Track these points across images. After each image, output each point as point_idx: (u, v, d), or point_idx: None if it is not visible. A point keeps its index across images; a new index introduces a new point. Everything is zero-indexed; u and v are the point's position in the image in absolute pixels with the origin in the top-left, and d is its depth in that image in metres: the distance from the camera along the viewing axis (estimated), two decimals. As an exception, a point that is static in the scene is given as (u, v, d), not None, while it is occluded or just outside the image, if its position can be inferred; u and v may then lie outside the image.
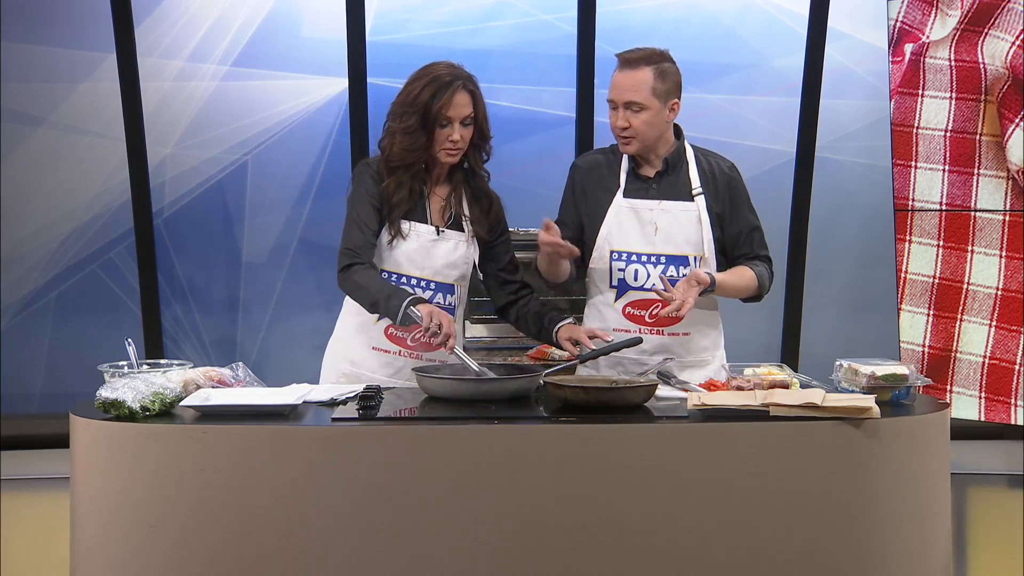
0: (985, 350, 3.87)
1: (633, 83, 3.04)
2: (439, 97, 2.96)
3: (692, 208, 3.11)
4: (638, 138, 3.07)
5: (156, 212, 4.52)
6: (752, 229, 3.18)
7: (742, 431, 2.51)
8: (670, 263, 3.10)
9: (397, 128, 3.01)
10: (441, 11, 4.54)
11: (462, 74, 3.01)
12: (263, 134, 4.53)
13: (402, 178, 3.03)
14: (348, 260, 2.99)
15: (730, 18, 4.59)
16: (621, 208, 3.13)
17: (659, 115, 3.06)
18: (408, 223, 3.05)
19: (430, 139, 2.99)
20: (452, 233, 3.09)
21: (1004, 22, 3.76)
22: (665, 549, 2.49)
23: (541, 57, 4.59)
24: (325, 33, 4.48)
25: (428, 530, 2.47)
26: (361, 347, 3.09)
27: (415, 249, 3.05)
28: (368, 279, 2.96)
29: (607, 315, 3.14)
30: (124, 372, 2.86)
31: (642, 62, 3.04)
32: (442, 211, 3.10)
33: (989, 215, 3.86)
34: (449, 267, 3.08)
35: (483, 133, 3.06)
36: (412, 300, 2.88)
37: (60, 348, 4.57)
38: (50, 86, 4.45)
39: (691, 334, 3.13)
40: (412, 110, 2.98)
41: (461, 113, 2.98)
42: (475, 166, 3.11)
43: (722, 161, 3.20)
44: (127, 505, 2.49)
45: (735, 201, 3.15)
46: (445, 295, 3.08)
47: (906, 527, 2.56)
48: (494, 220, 3.18)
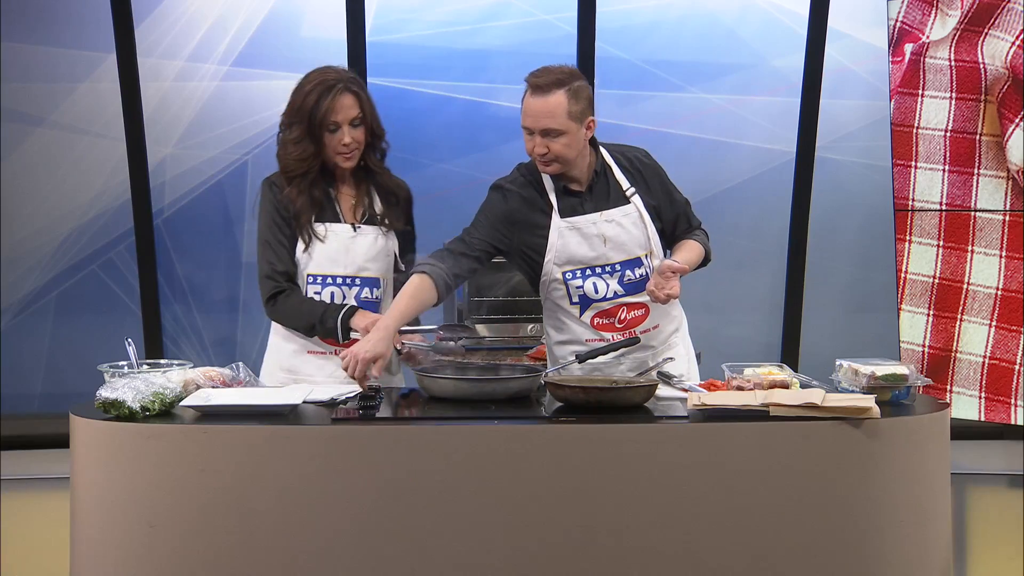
0: (985, 350, 3.87)
1: (548, 109, 2.96)
2: (323, 102, 2.97)
3: (631, 210, 3.11)
4: (559, 161, 3.03)
5: (156, 212, 4.52)
6: (684, 205, 3.20)
7: (742, 431, 2.51)
8: (624, 268, 3.10)
9: (288, 138, 3.03)
10: (441, 11, 4.53)
11: (344, 76, 3.03)
12: (263, 134, 4.52)
13: (301, 185, 3.04)
14: (270, 289, 3.04)
15: (730, 18, 4.59)
16: (562, 229, 3.08)
17: (576, 136, 3.00)
18: (323, 225, 3.06)
19: (319, 145, 3.01)
20: (368, 228, 3.11)
21: (1004, 22, 3.76)
22: (665, 549, 2.49)
23: (541, 57, 4.52)
24: (325, 33, 4.48)
25: (428, 530, 2.47)
26: (294, 354, 3.11)
27: (335, 248, 3.07)
28: (294, 307, 3.02)
29: (575, 329, 3.13)
30: (124, 372, 2.86)
31: (554, 86, 2.97)
32: (353, 209, 3.12)
33: (989, 215, 3.86)
34: (370, 261, 3.10)
35: (374, 131, 3.07)
36: (344, 315, 2.94)
37: (60, 348, 4.56)
38: (50, 86, 4.45)
39: (659, 325, 3.15)
40: (298, 119, 3.00)
41: (348, 115, 2.99)
42: (371, 165, 3.12)
43: (637, 151, 3.19)
44: (127, 505, 2.49)
45: (664, 187, 3.16)
46: (372, 289, 3.10)
47: (906, 527, 2.56)
48: (406, 210, 3.19)
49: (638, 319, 3.11)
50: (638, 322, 3.11)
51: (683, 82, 4.49)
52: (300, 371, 3.10)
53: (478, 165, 4.50)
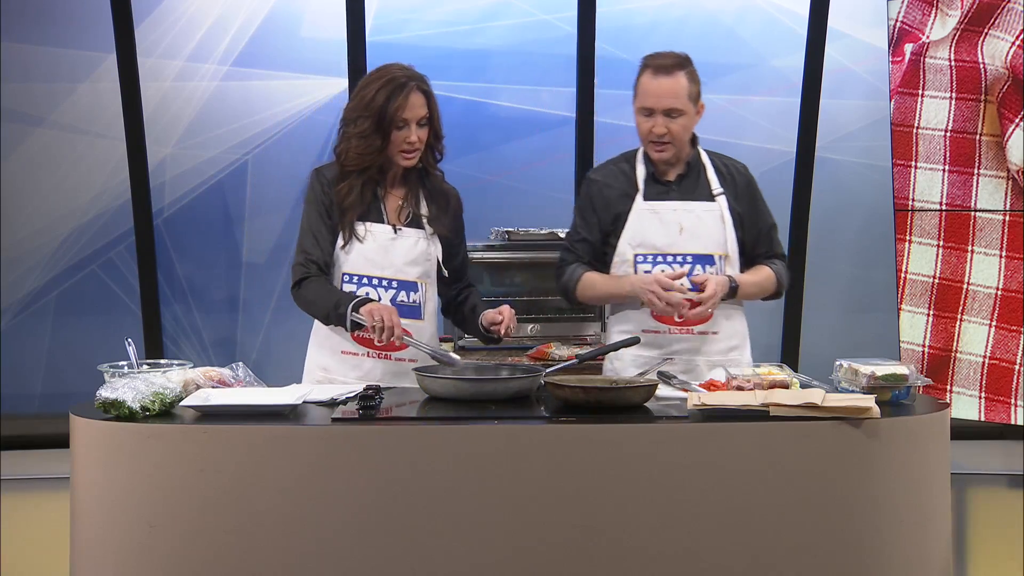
0: (985, 350, 3.87)
1: (673, 90, 3.07)
2: (394, 99, 2.96)
3: (714, 208, 3.15)
4: (675, 143, 3.11)
5: (156, 212, 4.52)
6: (771, 227, 3.23)
7: (742, 431, 2.51)
8: (696, 262, 3.12)
9: (353, 133, 3.01)
10: (441, 11, 4.54)
11: (415, 75, 3.01)
12: (263, 134, 4.53)
13: (354, 182, 3.04)
14: (300, 274, 3.03)
15: (730, 18, 4.59)
16: (642, 211, 3.15)
17: (692, 119, 3.12)
18: (364, 225, 3.05)
19: (385, 142, 3.00)
20: (411, 231, 3.09)
21: (1004, 22, 3.76)
22: (665, 549, 2.49)
23: (541, 57, 4.59)
24: (325, 33, 4.48)
25: (428, 530, 2.47)
26: (331, 352, 3.10)
27: (373, 249, 3.05)
28: (317, 293, 2.99)
29: (634, 317, 3.17)
30: (124, 372, 2.86)
31: (676, 67, 3.08)
32: (399, 211, 3.10)
33: (989, 215, 3.86)
34: (410, 264, 3.08)
35: (437, 133, 3.07)
36: (355, 305, 2.91)
37: (60, 348, 4.56)
38: (50, 86, 4.45)
39: (719, 333, 3.16)
40: (367, 113, 2.98)
41: (417, 114, 2.99)
42: (427, 166, 3.11)
43: (736, 163, 3.25)
44: (127, 505, 2.49)
45: (754, 201, 3.21)
46: (409, 293, 3.08)
47: (906, 527, 2.56)
48: (453, 216, 3.18)
49: (700, 318, 3.11)
50: (699, 321, 3.12)
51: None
52: (334, 371, 3.09)
53: (478, 165, 4.51)
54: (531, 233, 4.02)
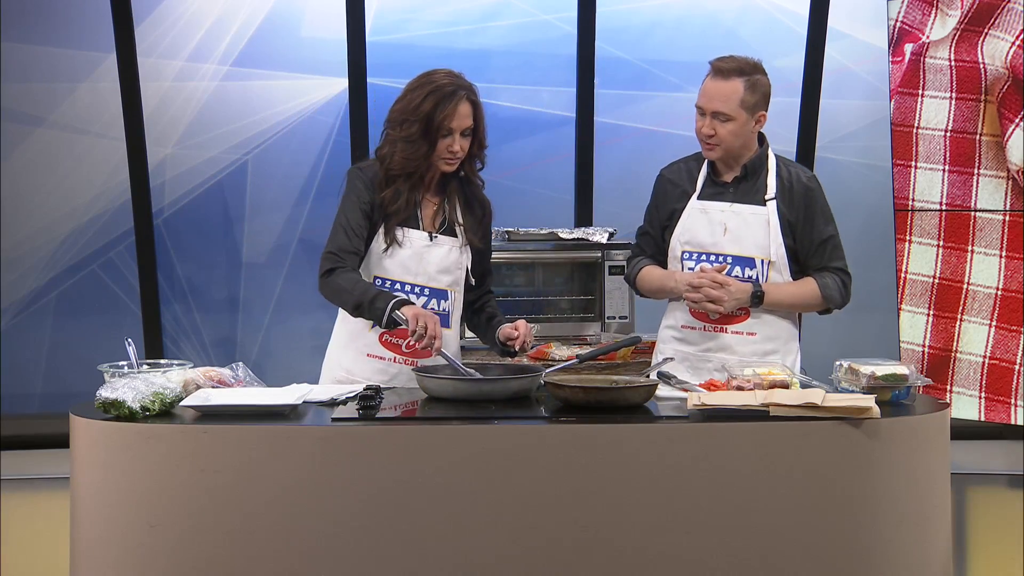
0: (985, 350, 3.87)
1: (723, 94, 3.08)
2: (442, 107, 2.94)
3: (762, 212, 3.16)
4: (722, 146, 3.13)
5: (156, 212, 4.52)
6: (824, 240, 3.21)
7: (742, 431, 2.51)
8: (736, 263, 3.15)
9: (398, 136, 2.98)
10: (441, 11, 4.53)
11: (464, 84, 2.99)
12: (263, 134, 4.53)
13: (401, 187, 3.00)
14: (330, 264, 2.96)
15: (730, 18, 4.59)
16: (694, 209, 3.21)
17: (745, 126, 3.11)
18: (401, 230, 3.03)
19: (432, 148, 2.97)
20: (445, 239, 3.07)
21: (1004, 22, 3.76)
22: (665, 549, 2.49)
23: (541, 57, 4.59)
24: (325, 33, 4.48)
25: (428, 530, 2.47)
26: (356, 354, 3.07)
27: (408, 255, 3.03)
28: (350, 282, 2.93)
29: (675, 313, 3.24)
30: (124, 372, 2.86)
31: (734, 73, 3.08)
32: (434, 217, 3.08)
33: (989, 215, 3.86)
34: (442, 272, 3.06)
35: (481, 143, 3.04)
36: (397, 303, 2.85)
37: (60, 348, 4.57)
38: (50, 86, 4.45)
39: (756, 335, 3.17)
40: (414, 119, 2.95)
41: (463, 124, 2.97)
42: (470, 174, 3.09)
43: (802, 172, 3.25)
44: (127, 505, 2.49)
45: (810, 211, 3.19)
46: (439, 301, 3.06)
47: (906, 527, 2.56)
48: (486, 227, 3.17)
49: (735, 318, 3.14)
50: (734, 321, 3.14)
51: (683, 82, 4.48)
52: (357, 373, 3.05)
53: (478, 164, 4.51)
54: (531, 233, 4.01)
